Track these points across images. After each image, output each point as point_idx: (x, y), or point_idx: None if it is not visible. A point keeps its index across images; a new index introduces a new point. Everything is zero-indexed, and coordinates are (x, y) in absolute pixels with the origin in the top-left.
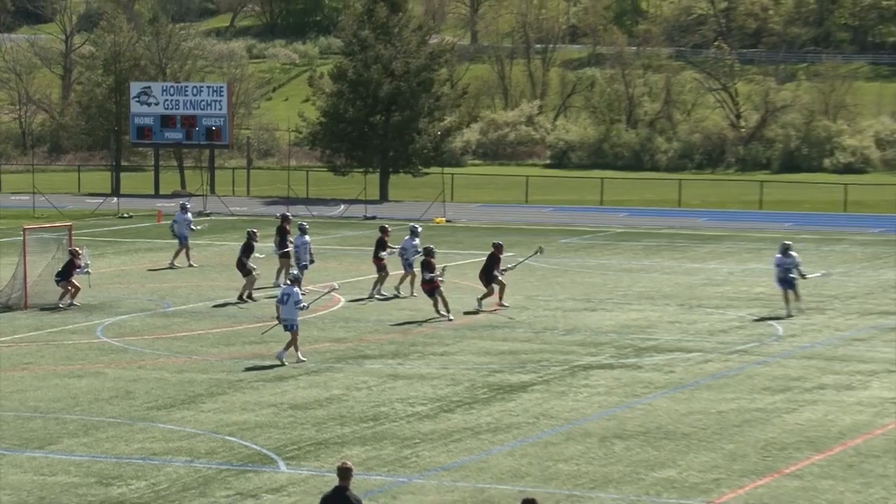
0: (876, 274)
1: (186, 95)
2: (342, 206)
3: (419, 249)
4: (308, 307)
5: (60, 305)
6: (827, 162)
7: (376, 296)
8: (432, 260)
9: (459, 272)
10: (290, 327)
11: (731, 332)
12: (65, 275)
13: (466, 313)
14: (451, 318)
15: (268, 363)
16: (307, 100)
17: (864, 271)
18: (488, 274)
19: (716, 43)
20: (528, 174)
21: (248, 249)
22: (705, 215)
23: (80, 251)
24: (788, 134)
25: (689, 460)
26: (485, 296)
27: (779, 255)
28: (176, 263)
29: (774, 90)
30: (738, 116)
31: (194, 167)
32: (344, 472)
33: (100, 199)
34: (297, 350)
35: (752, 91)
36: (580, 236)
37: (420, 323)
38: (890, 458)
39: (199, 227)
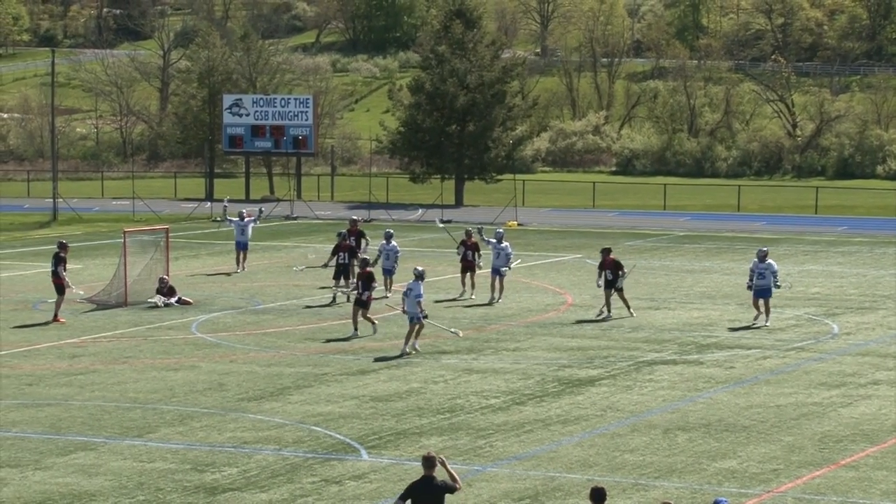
0: None
1: (275, 107)
2: (420, 211)
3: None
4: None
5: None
6: (879, 169)
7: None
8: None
9: (530, 273)
10: (412, 319)
11: (789, 329)
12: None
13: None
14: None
15: (350, 356)
16: (387, 111)
17: None
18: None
19: (773, 56)
20: (595, 180)
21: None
22: (763, 219)
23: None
24: (842, 142)
25: (748, 452)
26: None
27: (756, 261)
28: (239, 269)
29: (829, 101)
30: (795, 126)
31: (282, 174)
32: (428, 462)
33: (194, 204)
34: (415, 339)
35: (807, 102)
36: (644, 239)
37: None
38: None
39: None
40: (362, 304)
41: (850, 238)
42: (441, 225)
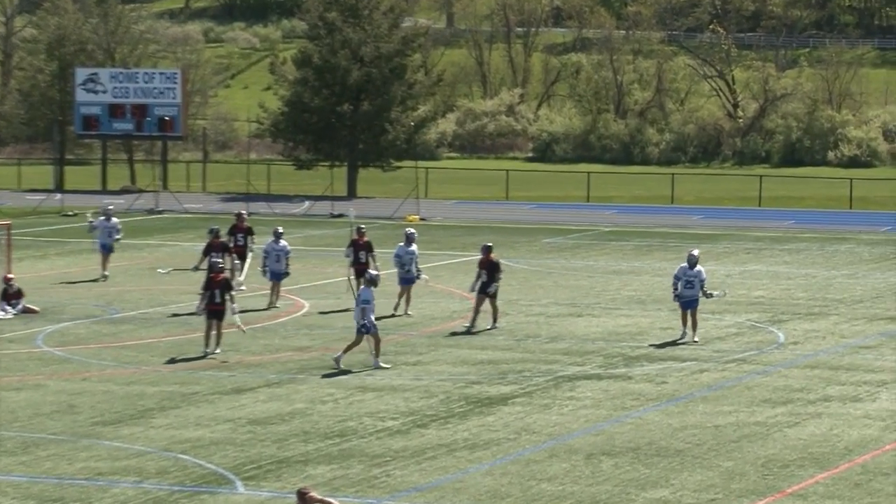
0: (884, 276)
1: (137, 83)
2: (306, 203)
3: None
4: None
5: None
6: (831, 155)
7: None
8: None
9: (434, 275)
10: (360, 330)
11: (729, 339)
12: None
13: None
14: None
15: (224, 373)
16: (268, 88)
17: (872, 273)
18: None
19: (711, 26)
20: (509, 168)
21: None
22: (700, 213)
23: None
24: (789, 125)
25: (682, 479)
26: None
27: (684, 267)
28: (105, 273)
29: (774, 77)
30: (736, 106)
31: (145, 161)
32: (301, 499)
33: (42, 196)
34: (375, 356)
35: (750, 78)
36: (565, 235)
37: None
38: None
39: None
40: (217, 315)
41: (799, 234)
42: (354, 218)
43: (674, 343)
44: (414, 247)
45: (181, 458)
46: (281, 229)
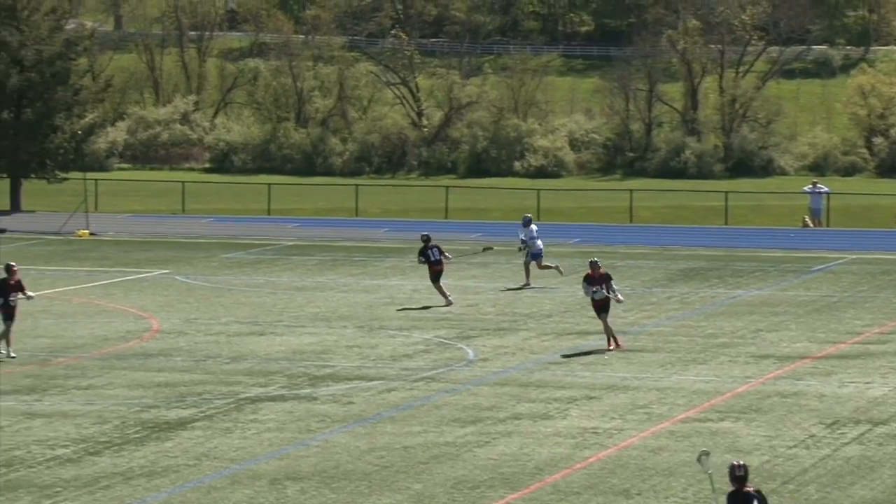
0: (572, 290)
1: None
2: None
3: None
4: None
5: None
6: (517, 165)
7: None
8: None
9: (106, 293)
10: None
11: (417, 356)
12: None
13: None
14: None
15: None
16: None
17: (561, 287)
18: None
19: (393, 32)
20: (185, 179)
21: None
22: (386, 225)
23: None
24: (475, 134)
25: (370, 503)
26: None
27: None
28: None
29: (459, 85)
30: (420, 114)
31: None
32: None
33: None
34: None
35: (434, 86)
36: (245, 250)
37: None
38: (592, 494)
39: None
40: None
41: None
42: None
43: (362, 360)
44: None
45: None
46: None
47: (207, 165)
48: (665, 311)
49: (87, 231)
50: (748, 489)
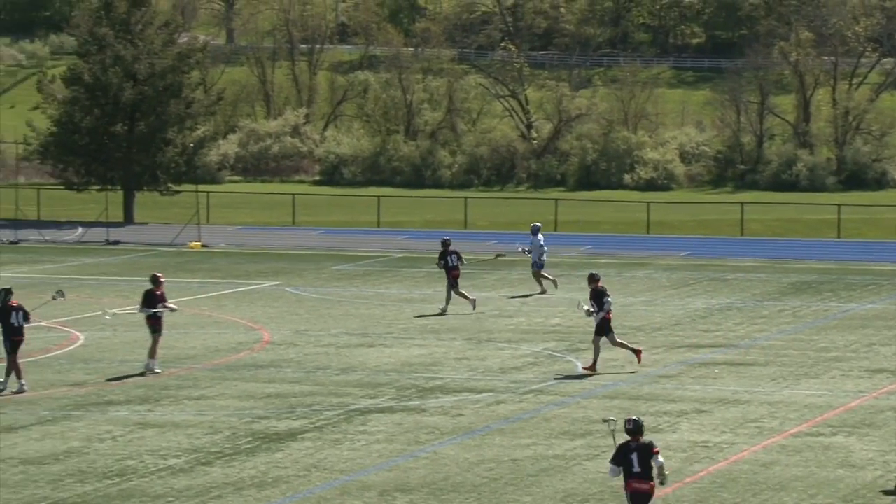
0: (683, 303)
1: None
2: (80, 230)
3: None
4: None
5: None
6: (627, 178)
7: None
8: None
9: (217, 304)
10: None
11: (526, 369)
12: None
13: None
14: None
15: None
16: (37, 107)
17: (671, 300)
18: None
19: (503, 44)
20: (295, 192)
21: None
22: (494, 237)
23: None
24: (585, 146)
25: None
26: None
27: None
28: None
29: (569, 97)
30: (530, 127)
31: None
32: None
33: None
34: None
35: (544, 98)
36: (355, 262)
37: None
38: None
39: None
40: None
41: (595, 259)
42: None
43: (471, 372)
44: None
45: None
46: None
47: (317, 178)
48: (776, 325)
49: (198, 243)
50: (633, 442)
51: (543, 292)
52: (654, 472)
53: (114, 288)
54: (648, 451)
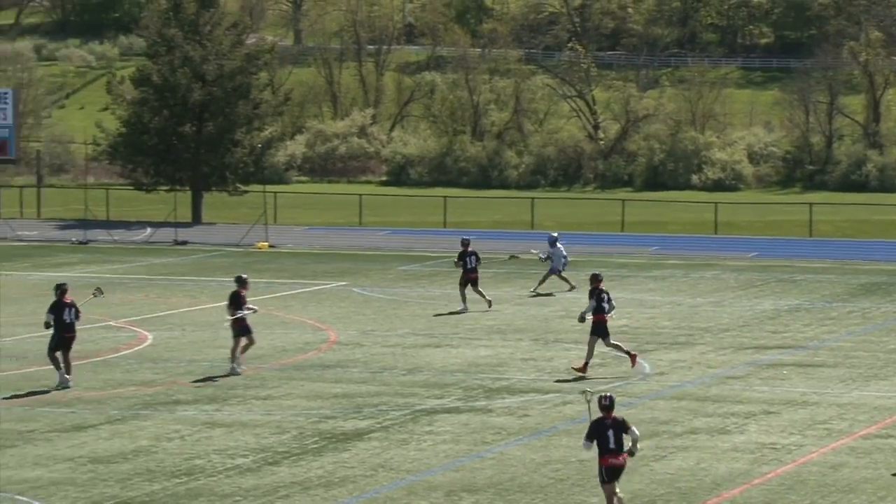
0: (751, 304)
1: None
2: (148, 230)
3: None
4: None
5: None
6: (695, 178)
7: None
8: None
9: (284, 304)
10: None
11: (592, 370)
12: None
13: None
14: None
15: (63, 409)
16: (106, 108)
17: (738, 301)
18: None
19: (570, 44)
20: (362, 192)
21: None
22: (561, 238)
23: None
24: (652, 147)
25: None
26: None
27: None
28: None
29: (636, 98)
30: (597, 127)
31: None
32: None
33: None
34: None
35: (611, 99)
36: (421, 263)
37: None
38: None
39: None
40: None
41: (663, 260)
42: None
43: (538, 372)
44: None
45: (18, 499)
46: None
47: (384, 178)
48: (846, 326)
49: (266, 243)
50: (607, 419)
51: (573, 288)
52: (629, 444)
53: (182, 288)
54: (622, 427)
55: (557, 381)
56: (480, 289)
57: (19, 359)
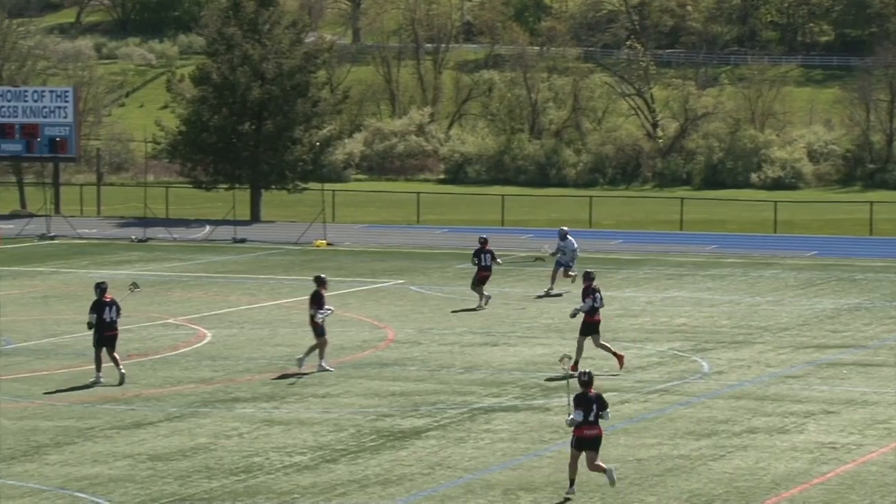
0: (810, 303)
1: (26, 101)
2: (207, 228)
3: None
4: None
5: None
6: (754, 177)
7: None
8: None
9: (342, 302)
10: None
11: (650, 368)
12: None
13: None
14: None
15: (123, 406)
16: (165, 106)
17: (797, 300)
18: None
19: (628, 42)
20: (420, 190)
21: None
22: (619, 237)
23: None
24: (711, 145)
25: None
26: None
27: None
28: None
29: (695, 96)
30: (655, 125)
31: (36, 183)
32: None
33: None
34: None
35: (669, 97)
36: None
37: (296, 377)
38: None
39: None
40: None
41: (721, 259)
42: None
43: (595, 371)
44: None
45: (78, 496)
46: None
47: (442, 176)
48: None
49: (324, 241)
50: (589, 393)
51: (548, 292)
52: (604, 419)
53: (240, 286)
54: (602, 403)
55: (615, 379)
56: (485, 288)
57: (79, 356)
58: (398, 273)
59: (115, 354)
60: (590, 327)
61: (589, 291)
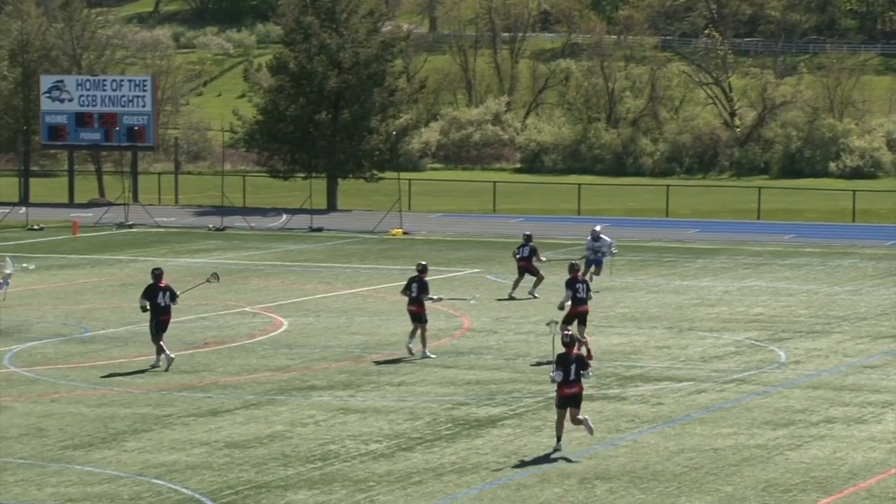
0: (889, 292)
1: (105, 90)
2: (284, 217)
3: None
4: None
5: None
6: (833, 166)
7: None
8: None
9: None
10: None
11: (727, 358)
12: None
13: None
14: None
15: (200, 393)
16: (243, 95)
17: (876, 289)
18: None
19: (706, 31)
20: (496, 179)
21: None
22: (696, 226)
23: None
24: (789, 134)
25: None
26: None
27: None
28: None
29: (773, 85)
30: (733, 114)
31: (115, 172)
32: None
33: (6, 209)
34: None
35: (747, 86)
36: (555, 250)
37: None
38: None
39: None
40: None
41: (799, 248)
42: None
43: (671, 360)
44: None
45: (155, 483)
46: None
47: (518, 165)
48: None
49: (400, 230)
50: (571, 354)
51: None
52: (585, 377)
53: (317, 274)
54: (582, 363)
55: (692, 368)
56: (521, 279)
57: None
58: (474, 262)
59: (163, 338)
60: (573, 317)
61: (571, 283)
